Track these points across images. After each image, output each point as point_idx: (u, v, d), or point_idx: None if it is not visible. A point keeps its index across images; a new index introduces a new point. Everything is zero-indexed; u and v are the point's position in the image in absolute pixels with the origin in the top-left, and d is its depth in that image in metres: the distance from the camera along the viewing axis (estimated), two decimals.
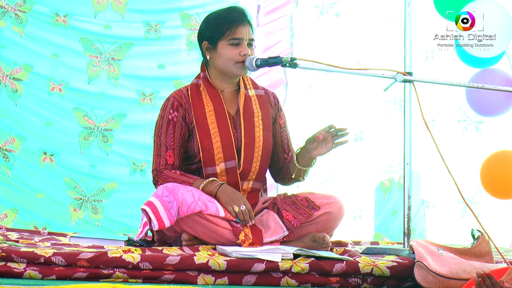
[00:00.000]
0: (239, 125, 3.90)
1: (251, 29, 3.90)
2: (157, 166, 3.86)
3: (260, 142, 3.91)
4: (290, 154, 4.05)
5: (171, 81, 5.47)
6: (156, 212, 3.60)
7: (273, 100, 4.05)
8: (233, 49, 3.86)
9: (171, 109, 3.89)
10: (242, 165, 3.85)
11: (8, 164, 5.23)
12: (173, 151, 3.87)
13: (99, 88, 5.38)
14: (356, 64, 5.74)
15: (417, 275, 3.37)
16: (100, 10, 5.39)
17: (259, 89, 4.03)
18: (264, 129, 3.93)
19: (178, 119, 3.88)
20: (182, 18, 5.48)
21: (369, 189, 5.83)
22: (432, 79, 4.20)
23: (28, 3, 5.26)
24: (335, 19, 5.78)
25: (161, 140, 3.88)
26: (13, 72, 5.25)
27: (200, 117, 3.87)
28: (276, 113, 4.04)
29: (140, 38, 5.44)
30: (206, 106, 3.89)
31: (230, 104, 3.95)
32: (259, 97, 3.99)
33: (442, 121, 5.90)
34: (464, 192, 5.82)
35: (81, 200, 5.32)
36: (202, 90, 3.93)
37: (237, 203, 3.72)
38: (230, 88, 3.97)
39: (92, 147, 5.36)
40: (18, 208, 5.23)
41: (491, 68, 4.53)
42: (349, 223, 5.76)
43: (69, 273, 3.26)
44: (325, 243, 3.73)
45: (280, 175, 4.05)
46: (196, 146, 3.87)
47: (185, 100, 3.91)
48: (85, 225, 5.27)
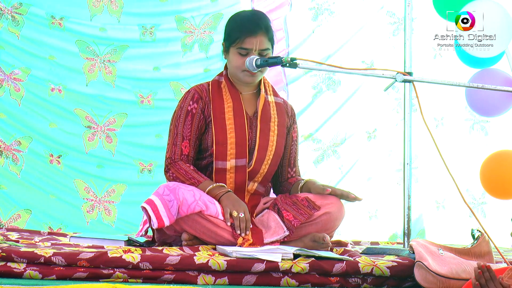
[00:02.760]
0: (255, 126, 3.93)
1: (267, 38, 3.89)
2: (171, 155, 3.88)
3: (273, 147, 3.94)
4: (295, 170, 4.09)
5: (167, 83, 5.48)
6: (156, 211, 3.61)
7: (290, 111, 4.09)
8: (240, 58, 3.88)
9: (191, 101, 3.92)
10: (253, 164, 3.88)
11: (18, 165, 5.25)
12: (189, 141, 3.89)
13: (97, 90, 5.39)
14: (360, 63, 5.75)
15: (417, 275, 3.37)
16: (96, 13, 5.40)
17: (278, 97, 4.07)
18: (278, 135, 3.96)
19: (197, 111, 3.90)
20: (177, 21, 5.50)
21: (383, 188, 5.83)
22: (432, 79, 4.19)
23: (24, 6, 5.27)
24: (330, 19, 5.78)
25: (178, 130, 3.90)
26: (13, 74, 5.26)
27: (218, 111, 3.90)
28: (290, 125, 4.08)
29: (135, 41, 5.45)
30: (225, 102, 3.92)
31: (249, 105, 3.98)
32: (277, 104, 4.02)
33: (451, 119, 5.91)
34: (471, 192, 5.87)
35: (93, 202, 5.34)
36: (223, 87, 3.96)
37: (238, 209, 3.72)
38: (249, 91, 3.99)
39: (97, 148, 5.37)
40: (32, 209, 5.25)
41: (490, 68, 4.53)
42: (364, 223, 5.77)
43: (69, 273, 3.25)
44: (325, 243, 3.73)
45: (279, 191, 4.09)
46: (210, 139, 3.89)
47: (206, 94, 3.94)
48: (100, 226, 5.30)
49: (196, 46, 5.51)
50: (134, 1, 5.47)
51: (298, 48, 5.71)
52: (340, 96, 5.81)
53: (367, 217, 5.80)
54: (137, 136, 5.44)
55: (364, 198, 5.72)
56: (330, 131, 5.80)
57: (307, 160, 5.75)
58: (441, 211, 5.90)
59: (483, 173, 4.65)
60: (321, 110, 5.78)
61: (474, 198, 5.90)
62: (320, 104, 5.77)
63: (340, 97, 5.81)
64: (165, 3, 5.50)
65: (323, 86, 5.77)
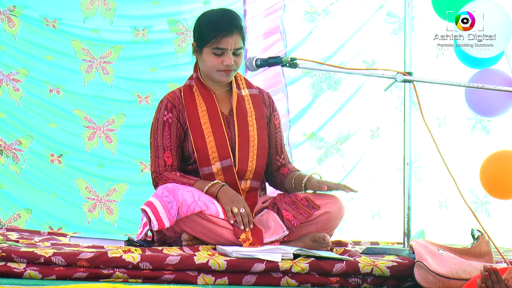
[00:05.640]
0: (233, 125, 3.90)
1: (240, 36, 3.85)
2: (156, 168, 3.86)
3: (255, 141, 3.90)
4: (283, 157, 4.05)
5: (165, 84, 5.49)
6: (156, 212, 3.60)
7: (267, 99, 4.05)
8: (215, 58, 3.83)
9: (165, 111, 3.89)
10: (238, 165, 3.85)
11: (18, 165, 5.25)
12: (170, 152, 3.87)
13: (95, 91, 5.41)
14: (361, 63, 5.75)
15: (417, 275, 3.37)
16: (89, 16, 5.41)
17: (253, 88, 4.02)
18: (258, 128, 3.92)
19: (173, 120, 3.88)
20: (169, 23, 5.50)
21: (386, 187, 5.82)
22: (432, 79, 4.20)
23: (18, 8, 5.29)
24: (328, 20, 5.78)
25: (158, 142, 3.88)
26: (11, 75, 5.26)
27: (193, 117, 3.87)
28: (270, 113, 4.03)
29: (128, 42, 5.46)
30: (199, 107, 3.89)
31: (223, 104, 3.95)
32: (252, 97, 3.98)
33: (453, 118, 5.91)
34: (475, 192, 5.87)
35: (94, 201, 5.34)
36: (195, 91, 3.93)
37: (237, 205, 3.71)
38: (222, 89, 3.96)
39: (98, 147, 5.37)
40: (32, 208, 5.25)
41: (490, 69, 4.53)
42: (367, 223, 5.77)
43: (69, 273, 3.25)
44: (325, 243, 3.72)
45: (273, 181, 4.06)
46: (190, 147, 3.87)
47: (178, 101, 3.91)
48: (101, 226, 5.31)
49: (189, 47, 5.51)
50: (127, 4, 5.49)
51: (297, 49, 5.70)
52: (342, 95, 5.81)
53: (370, 216, 5.80)
54: (136, 136, 5.45)
55: (368, 197, 5.74)
56: (333, 129, 5.80)
57: (310, 159, 5.75)
58: (443, 210, 5.90)
59: (483, 173, 4.65)
60: (323, 109, 5.78)
61: (477, 198, 5.90)
62: (322, 102, 5.77)
63: (342, 95, 5.81)
64: (158, 5, 5.51)
65: (324, 85, 5.77)
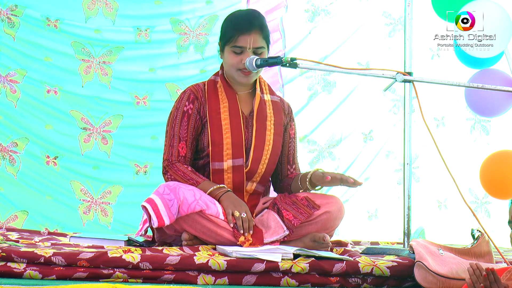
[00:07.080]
0: (251, 126, 3.92)
1: (261, 36, 3.86)
2: (169, 157, 3.87)
3: (270, 146, 3.92)
4: (294, 167, 4.08)
5: (163, 84, 5.48)
6: (156, 210, 3.60)
7: (287, 109, 4.07)
8: (234, 56, 3.86)
9: (186, 101, 3.90)
10: (250, 165, 3.87)
11: (14, 166, 5.24)
12: (185, 142, 3.87)
13: (93, 91, 5.40)
14: (355, 64, 5.76)
15: (417, 275, 3.37)
16: (91, 15, 5.40)
17: (275, 96, 4.05)
18: (275, 134, 3.95)
19: (193, 111, 3.89)
20: (172, 23, 5.50)
21: (382, 189, 5.83)
22: (431, 79, 4.20)
23: (19, 8, 5.27)
24: (327, 20, 5.79)
25: (175, 131, 3.88)
26: (8, 75, 5.25)
27: (214, 112, 3.88)
28: (288, 122, 4.06)
29: (131, 42, 5.46)
30: (221, 102, 3.91)
31: (245, 104, 3.96)
32: (273, 103, 4.01)
33: (451, 119, 5.91)
34: (474, 192, 5.88)
35: (90, 203, 5.34)
36: (219, 87, 3.94)
37: (239, 209, 3.71)
38: (245, 90, 3.98)
39: (93, 149, 5.37)
40: (29, 210, 5.24)
41: (490, 69, 4.54)
42: (364, 223, 5.77)
43: (69, 273, 3.25)
44: (325, 243, 3.72)
45: (280, 187, 4.07)
46: (206, 140, 3.87)
47: (201, 94, 3.92)
48: (96, 227, 5.30)
49: (191, 47, 5.51)
50: (129, 4, 5.48)
51: (295, 49, 5.71)
52: (335, 98, 5.81)
53: (367, 217, 5.80)
54: (132, 137, 5.44)
55: (363, 198, 5.74)
56: (325, 133, 5.80)
57: (303, 162, 5.74)
58: (443, 210, 5.91)
59: (483, 173, 4.65)
60: (316, 112, 5.78)
61: (477, 198, 5.91)
62: (315, 105, 5.77)
63: (335, 98, 5.81)
64: (160, 5, 5.51)
65: (319, 87, 5.78)
